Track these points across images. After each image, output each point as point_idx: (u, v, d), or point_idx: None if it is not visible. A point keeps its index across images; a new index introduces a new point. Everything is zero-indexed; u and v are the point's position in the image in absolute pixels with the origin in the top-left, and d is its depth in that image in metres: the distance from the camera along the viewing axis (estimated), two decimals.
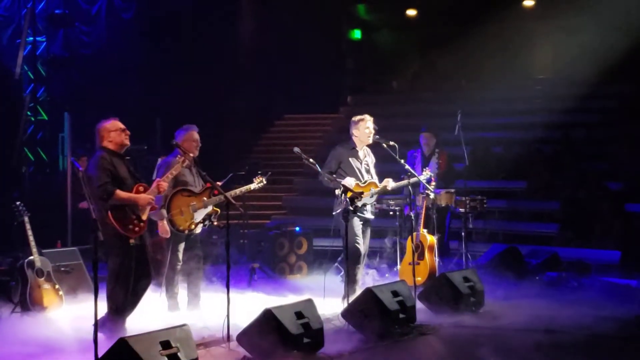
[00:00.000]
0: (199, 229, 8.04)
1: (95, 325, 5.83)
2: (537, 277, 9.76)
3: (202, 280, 8.53)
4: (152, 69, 15.20)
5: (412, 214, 8.75)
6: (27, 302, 8.10)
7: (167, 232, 7.95)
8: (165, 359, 5.46)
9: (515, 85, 17.21)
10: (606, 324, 7.36)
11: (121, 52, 15.17)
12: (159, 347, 5.48)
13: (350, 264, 8.27)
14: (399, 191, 9.67)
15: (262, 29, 17.66)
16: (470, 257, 10.35)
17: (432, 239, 9.54)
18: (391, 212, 10.23)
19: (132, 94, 14.80)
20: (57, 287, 8.34)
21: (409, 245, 9.13)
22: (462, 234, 10.27)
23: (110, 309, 7.00)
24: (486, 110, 15.96)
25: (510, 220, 12.78)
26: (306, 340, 6.39)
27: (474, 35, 16.91)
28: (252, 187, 8.23)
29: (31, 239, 8.26)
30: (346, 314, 7.30)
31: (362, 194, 8.32)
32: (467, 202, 10.29)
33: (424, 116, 14.61)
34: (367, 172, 8.68)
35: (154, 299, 8.01)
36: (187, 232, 7.98)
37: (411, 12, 19.96)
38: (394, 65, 20.42)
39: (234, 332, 6.61)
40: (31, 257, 8.22)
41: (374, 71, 20.22)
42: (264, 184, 8.30)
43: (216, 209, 7.98)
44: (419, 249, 9.37)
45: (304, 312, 6.53)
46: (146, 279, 7.18)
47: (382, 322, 7.07)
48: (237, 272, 10.04)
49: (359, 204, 8.24)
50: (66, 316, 8.03)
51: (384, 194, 9.04)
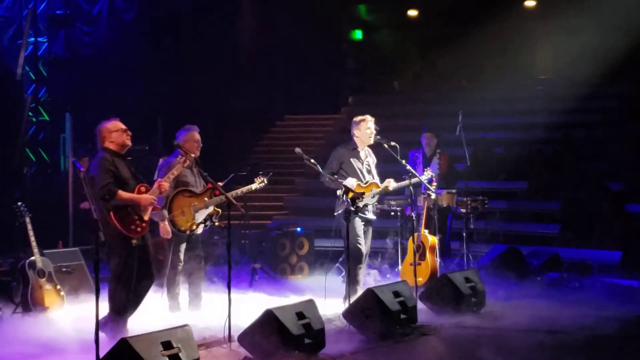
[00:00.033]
0: (200, 230, 8.04)
1: (96, 325, 5.83)
2: (538, 278, 9.75)
3: (204, 280, 8.54)
4: (152, 69, 15.21)
5: (413, 215, 8.74)
6: (29, 303, 8.09)
7: (169, 233, 7.95)
8: (166, 359, 5.46)
9: (515, 85, 17.20)
10: (607, 324, 7.36)
11: (122, 52, 15.19)
12: (160, 348, 5.48)
13: (351, 264, 8.27)
14: (400, 192, 9.66)
15: (262, 29, 17.63)
16: (471, 257, 10.37)
17: (433, 240, 9.55)
18: (392, 213, 10.25)
19: (133, 94, 14.82)
20: (58, 287, 8.33)
21: (410, 245, 9.13)
22: (463, 234, 10.29)
23: (111, 309, 6.99)
24: (487, 110, 15.95)
25: (511, 220, 12.77)
26: (307, 340, 6.39)
27: (475, 35, 16.91)
28: (253, 188, 8.22)
29: (32, 239, 8.25)
30: (347, 315, 7.29)
31: (363, 194, 8.32)
32: (468, 202, 10.30)
33: (424, 116, 14.59)
34: (369, 172, 8.67)
35: (155, 300, 8.01)
36: (188, 232, 7.98)
37: (412, 13, 19.97)
38: (395, 65, 20.43)
39: (235, 333, 6.61)
40: (32, 258, 8.21)
41: (374, 71, 20.22)
42: (265, 184, 8.31)
43: (217, 209, 7.97)
44: (420, 250, 9.38)
45: (305, 312, 6.53)
46: (148, 279, 7.18)
47: (383, 323, 7.07)
48: (238, 272, 10.03)
49: (361, 204, 8.23)
50: (67, 317, 8.02)
51: (385, 195, 9.02)
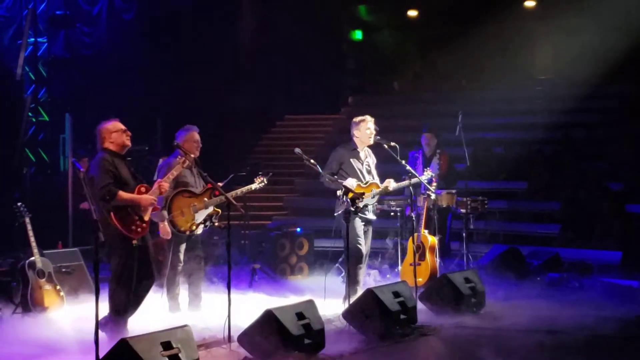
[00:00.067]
0: (200, 230, 8.03)
1: (96, 325, 5.83)
2: (538, 278, 9.75)
3: (203, 281, 8.54)
4: (152, 69, 15.21)
5: (413, 215, 8.72)
6: (28, 303, 8.09)
7: (168, 234, 7.95)
8: (166, 359, 5.47)
9: (515, 85, 17.20)
10: (607, 325, 7.36)
11: (122, 52, 15.19)
12: (160, 348, 5.48)
13: (351, 264, 8.27)
14: (400, 192, 9.66)
15: (262, 29, 17.63)
16: (471, 257, 10.37)
17: (433, 240, 9.55)
18: (392, 213, 10.25)
19: (132, 95, 14.80)
20: (58, 287, 8.33)
21: (410, 246, 9.13)
22: (463, 234, 10.29)
23: (112, 309, 6.99)
24: (487, 110, 15.95)
25: (511, 220, 12.77)
26: (307, 341, 6.38)
27: (475, 35, 16.91)
28: (253, 188, 8.22)
29: (32, 239, 8.24)
30: (347, 315, 7.29)
31: (363, 194, 8.31)
32: (468, 202, 10.30)
33: (424, 116, 14.57)
34: (369, 172, 8.66)
35: (155, 300, 8.00)
36: (188, 233, 7.98)
37: (412, 13, 19.97)
38: (395, 65, 20.43)
39: (235, 333, 6.61)
40: (32, 258, 8.21)
41: (374, 71, 20.22)
42: (264, 185, 8.31)
43: (217, 209, 7.97)
44: (420, 250, 9.38)
45: (305, 312, 6.53)
46: (148, 280, 7.17)
47: (383, 323, 7.07)
48: (238, 272, 10.03)
49: (361, 204, 8.24)
50: (67, 317, 8.02)
51: (385, 195, 9.02)
